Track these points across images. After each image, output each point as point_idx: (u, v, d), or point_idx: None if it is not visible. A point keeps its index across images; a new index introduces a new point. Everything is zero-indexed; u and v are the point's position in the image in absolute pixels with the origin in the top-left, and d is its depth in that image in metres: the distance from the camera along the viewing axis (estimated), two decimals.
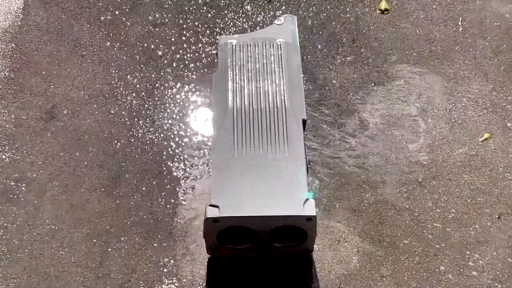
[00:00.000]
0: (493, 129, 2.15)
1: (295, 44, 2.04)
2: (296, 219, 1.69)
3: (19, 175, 2.02)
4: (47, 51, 2.35)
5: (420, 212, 1.96)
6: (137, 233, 1.91)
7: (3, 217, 1.93)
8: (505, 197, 1.99)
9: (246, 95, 1.88)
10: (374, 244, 1.89)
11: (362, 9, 2.52)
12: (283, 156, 1.77)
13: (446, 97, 2.24)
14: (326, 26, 2.47)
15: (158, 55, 2.36)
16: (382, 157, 2.09)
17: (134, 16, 2.48)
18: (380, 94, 2.25)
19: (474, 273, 1.84)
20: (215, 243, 1.78)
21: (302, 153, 1.78)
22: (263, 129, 1.82)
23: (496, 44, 2.40)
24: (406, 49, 2.38)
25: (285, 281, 1.82)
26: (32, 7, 2.49)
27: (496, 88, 2.27)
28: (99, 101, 2.22)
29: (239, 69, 1.94)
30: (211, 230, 1.73)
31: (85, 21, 2.45)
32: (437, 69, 2.32)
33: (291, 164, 1.76)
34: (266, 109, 1.85)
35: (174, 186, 2.01)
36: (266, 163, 1.76)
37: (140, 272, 1.83)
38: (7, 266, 1.83)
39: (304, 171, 1.76)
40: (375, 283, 1.82)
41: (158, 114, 2.19)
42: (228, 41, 2.01)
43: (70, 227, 1.92)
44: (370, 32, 2.44)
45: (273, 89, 1.89)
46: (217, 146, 1.80)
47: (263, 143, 1.79)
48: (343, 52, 2.38)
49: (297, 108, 1.87)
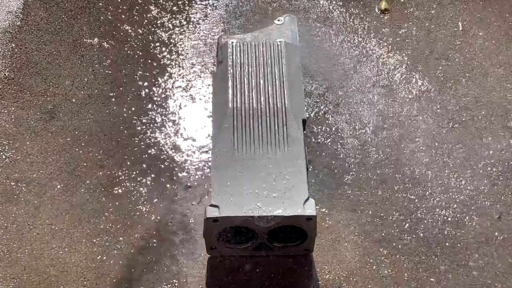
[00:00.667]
0: (493, 129, 2.15)
1: (295, 44, 2.04)
2: (296, 219, 1.69)
3: (19, 175, 2.02)
4: (47, 51, 2.35)
5: (420, 212, 1.96)
6: (137, 233, 1.91)
7: (3, 217, 1.93)
8: (505, 197, 1.99)
9: (246, 95, 1.88)
10: (374, 244, 1.89)
11: (362, 9, 2.52)
12: (283, 156, 1.77)
13: (446, 97, 2.24)
14: (326, 26, 2.47)
15: (158, 55, 2.36)
16: (382, 157, 2.09)
17: (134, 16, 2.48)
18: (380, 94, 2.25)
19: (474, 273, 1.84)
20: (215, 243, 1.78)
21: (302, 153, 1.78)
22: (263, 129, 1.82)
23: (496, 44, 2.40)
24: (406, 49, 2.38)
25: (285, 281, 1.82)
26: (32, 7, 2.49)
27: (496, 88, 2.27)
28: (99, 101, 2.22)
29: (239, 68, 1.94)
30: (211, 230, 1.73)
31: (85, 21, 2.45)
32: (437, 69, 2.32)
33: (291, 164, 1.76)
34: (266, 109, 1.85)
35: (174, 186, 2.01)
36: (266, 163, 1.76)
37: (140, 272, 1.83)
38: (7, 266, 1.83)
39: (304, 171, 1.76)
40: (375, 283, 1.82)
41: (158, 114, 2.19)
42: (229, 40, 2.01)
43: (70, 227, 1.92)
44: (371, 32, 2.44)
45: (273, 89, 1.89)
46: (217, 146, 1.80)
47: (263, 143, 1.79)
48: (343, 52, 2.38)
49: (297, 108, 1.87)
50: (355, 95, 2.25)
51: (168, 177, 2.03)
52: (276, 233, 1.77)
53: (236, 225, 1.72)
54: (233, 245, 1.81)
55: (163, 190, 2.00)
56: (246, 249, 1.81)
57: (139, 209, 1.96)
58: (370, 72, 2.31)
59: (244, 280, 1.82)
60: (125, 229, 1.91)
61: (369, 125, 2.17)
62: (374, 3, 2.51)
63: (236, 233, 1.78)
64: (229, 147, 1.79)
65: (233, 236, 1.79)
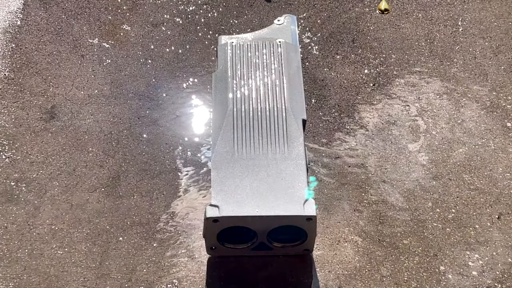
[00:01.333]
0: (493, 129, 2.15)
1: (295, 43, 2.04)
2: (296, 219, 1.69)
3: (19, 175, 2.02)
4: (47, 51, 2.35)
5: (420, 212, 1.96)
6: (137, 233, 1.91)
7: (3, 217, 1.93)
8: (505, 197, 1.99)
9: (246, 95, 1.88)
10: (374, 244, 1.89)
11: (362, 9, 2.52)
12: (283, 156, 1.77)
13: (446, 97, 2.24)
14: (326, 26, 2.47)
15: (157, 55, 2.36)
16: (382, 157, 2.09)
17: (134, 16, 2.48)
18: (380, 94, 2.25)
19: (474, 273, 1.84)
20: (215, 243, 1.78)
21: (302, 153, 1.78)
22: (263, 129, 1.82)
23: (496, 44, 2.40)
24: (406, 49, 2.38)
25: (285, 281, 1.82)
26: (32, 7, 2.49)
27: (496, 88, 2.27)
28: (99, 101, 2.22)
29: (239, 69, 1.94)
30: (211, 230, 1.73)
31: (85, 21, 2.45)
32: (437, 69, 2.32)
33: (291, 164, 1.76)
34: (266, 109, 1.85)
35: (174, 186, 2.01)
36: (266, 163, 1.76)
37: (140, 272, 1.83)
38: (7, 266, 1.83)
39: (304, 171, 1.76)
40: (375, 283, 1.82)
41: (158, 114, 2.19)
42: (228, 41, 2.01)
43: (70, 227, 1.92)
44: (370, 32, 2.44)
45: (273, 89, 1.89)
46: (217, 146, 1.80)
47: (263, 143, 1.79)
48: (343, 52, 2.38)
49: (297, 108, 1.87)
50: (354, 94, 2.25)
51: (168, 177, 2.03)
52: (276, 233, 1.77)
53: (236, 225, 1.72)
54: (233, 245, 1.81)
55: (163, 190, 2.00)
56: (246, 249, 1.81)
57: (139, 209, 1.96)
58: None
59: (244, 280, 1.82)
60: (125, 229, 1.91)
61: (369, 125, 2.17)
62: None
63: (236, 233, 1.78)
64: (229, 147, 1.79)
65: (233, 236, 1.79)
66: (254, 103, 1.87)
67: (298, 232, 1.78)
